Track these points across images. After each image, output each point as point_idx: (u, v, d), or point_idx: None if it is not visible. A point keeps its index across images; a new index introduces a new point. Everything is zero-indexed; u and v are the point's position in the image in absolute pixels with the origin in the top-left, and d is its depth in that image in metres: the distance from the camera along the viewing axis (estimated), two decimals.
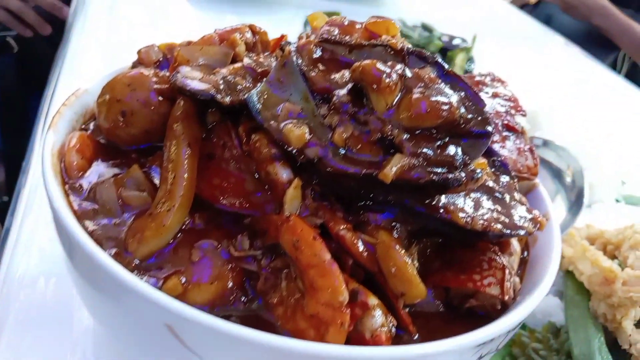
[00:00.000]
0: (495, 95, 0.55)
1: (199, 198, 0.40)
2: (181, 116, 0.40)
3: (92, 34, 1.08)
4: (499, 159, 0.46)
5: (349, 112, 0.38)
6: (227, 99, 0.38)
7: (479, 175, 0.37)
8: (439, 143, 0.37)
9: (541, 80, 1.36)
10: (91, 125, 0.47)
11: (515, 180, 0.45)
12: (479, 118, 0.39)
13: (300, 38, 0.45)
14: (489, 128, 0.38)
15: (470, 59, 1.12)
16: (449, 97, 0.38)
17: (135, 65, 0.50)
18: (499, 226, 0.38)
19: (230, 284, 0.36)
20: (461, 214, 0.37)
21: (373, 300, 0.34)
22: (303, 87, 0.39)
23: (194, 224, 0.39)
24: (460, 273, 0.40)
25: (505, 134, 0.51)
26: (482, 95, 0.54)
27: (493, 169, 0.45)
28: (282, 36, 0.47)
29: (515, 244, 0.43)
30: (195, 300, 0.35)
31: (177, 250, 0.37)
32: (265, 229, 0.37)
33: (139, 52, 0.50)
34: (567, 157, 0.74)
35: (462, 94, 0.40)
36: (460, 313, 0.40)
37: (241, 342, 0.31)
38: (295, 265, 0.35)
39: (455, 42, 1.13)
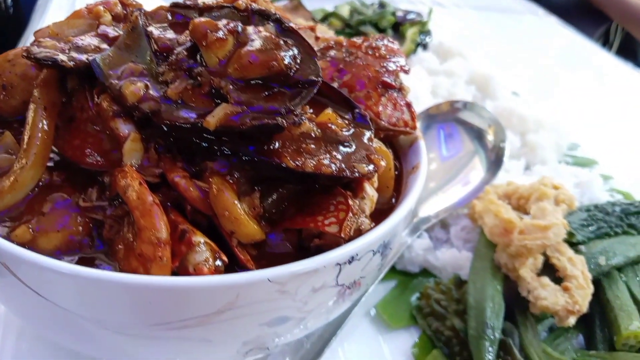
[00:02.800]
0: (380, 57, 0.57)
1: (65, 158, 0.43)
2: (40, 83, 0.43)
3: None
4: (358, 111, 0.47)
5: (184, 68, 0.40)
6: (71, 63, 0.41)
7: (301, 121, 0.39)
8: (266, 93, 0.40)
9: (512, 51, 1.35)
10: None
11: (372, 130, 0.46)
12: (309, 69, 0.41)
13: None
14: (315, 77, 0.40)
15: (426, 32, 1.12)
16: (280, 50, 0.40)
17: None
18: (331, 168, 0.40)
19: (78, 232, 0.39)
20: (293, 159, 0.39)
21: (198, 238, 0.37)
22: (147, 48, 0.42)
23: (51, 181, 0.42)
24: (307, 216, 0.42)
25: (382, 90, 0.53)
26: (368, 56, 0.56)
27: (351, 120, 0.46)
28: (139, 4, 0.50)
29: (369, 189, 0.44)
30: (45, 247, 0.39)
31: (31, 203, 0.40)
32: (111, 181, 0.40)
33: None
34: (489, 118, 0.75)
35: (296, 48, 0.42)
36: (311, 253, 0.42)
37: (62, 275, 0.34)
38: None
39: (410, 16, 1.13)
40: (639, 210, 0.69)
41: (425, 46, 1.09)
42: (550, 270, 0.59)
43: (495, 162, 0.71)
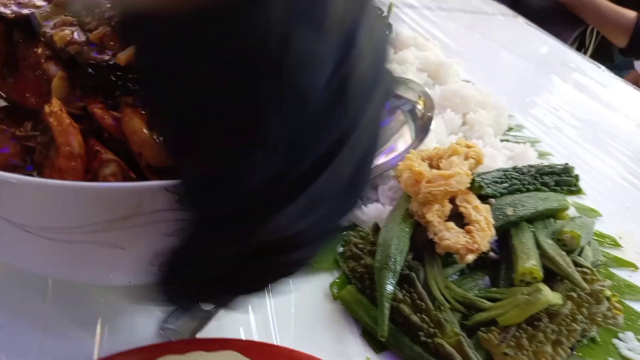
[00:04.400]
0: None
1: (11, 101, 0.51)
2: None
3: None
4: None
5: (105, 17, 0.48)
6: (12, 15, 0.48)
7: None
8: None
9: (472, 45, 1.43)
10: None
11: None
12: None
13: None
14: None
15: (385, 26, 1.20)
16: None
17: None
18: None
19: (15, 156, 0.46)
20: None
21: (109, 156, 0.44)
22: (79, 4, 0.49)
23: None
24: None
25: None
26: None
27: None
28: None
29: None
30: None
31: None
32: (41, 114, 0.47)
33: None
34: (420, 91, 0.81)
35: None
36: None
37: None
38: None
39: None
40: (553, 170, 0.75)
41: None
42: (459, 218, 0.65)
43: (422, 129, 0.78)
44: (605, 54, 2.40)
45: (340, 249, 0.68)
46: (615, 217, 0.87)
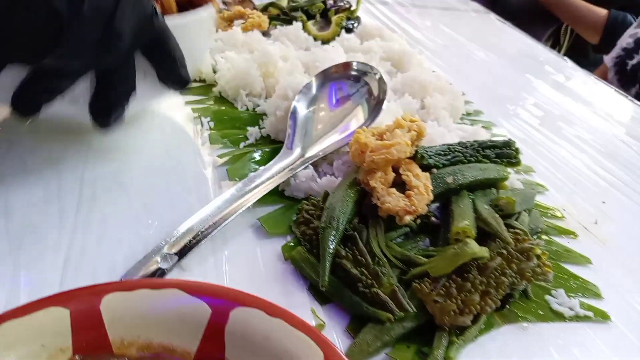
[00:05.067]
0: None
1: None
2: None
3: None
4: None
5: None
6: None
7: None
8: None
9: (439, 37, 1.49)
10: None
11: None
12: None
13: None
14: None
15: (353, 19, 1.27)
16: None
17: None
18: None
19: None
20: None
21: None
22: None
23: None
24: None
25: None
26: None
27: None
28: None
29: None
30: None
31: None
32: None
33: None
34: (374, 73, 0.87)
35: None
36: None
37: None
38: None
39: (340, 3, 1.27)
40: (494, 144, 0.81)
41: (349, 30, 1.22)
42: (403, 188, 0.71)
43: (375, 109, 0.84)
44: (580, 51, 2.47)
45: (295, 217, 0.73)
46: (561, 192, 0.92)
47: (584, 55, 2.44)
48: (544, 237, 0.79)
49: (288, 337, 0.46)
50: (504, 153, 0.80)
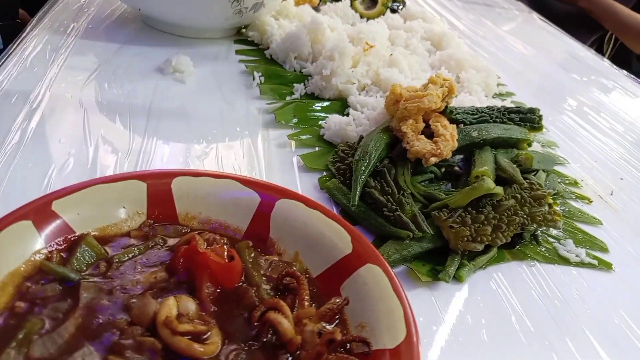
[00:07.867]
0: None
1: None
2: None
3: None
4: None
5: None
6: None
7: None
8: None
9: (480, 29, 1.55)
10: None
11: None
12: None
13: None
14: None
15: (399, 1, 1.35)
16: None
17: None
18: None
19: None
20: None
21: None
22: None
23: None
24: None
25: None
26: None
27: None
28: None
29: None
30: None
31: None
32: None
33: None
34: None
35: None
36: None
37: None
38: None
39: None
40: (519, 109, 0.87)
41: (394, 11, 1.31)
42: (430, 139, 0.78)
43: None
44: (623, 60, 2.48)
45: (332, 157, 0.82)
46: (582, 166, 0.98)
47: (627, 64, 2.44)
48: (558, 198, 0.85)
49: (323, 224, 0.55)
50: (528, 118, 0.87)
